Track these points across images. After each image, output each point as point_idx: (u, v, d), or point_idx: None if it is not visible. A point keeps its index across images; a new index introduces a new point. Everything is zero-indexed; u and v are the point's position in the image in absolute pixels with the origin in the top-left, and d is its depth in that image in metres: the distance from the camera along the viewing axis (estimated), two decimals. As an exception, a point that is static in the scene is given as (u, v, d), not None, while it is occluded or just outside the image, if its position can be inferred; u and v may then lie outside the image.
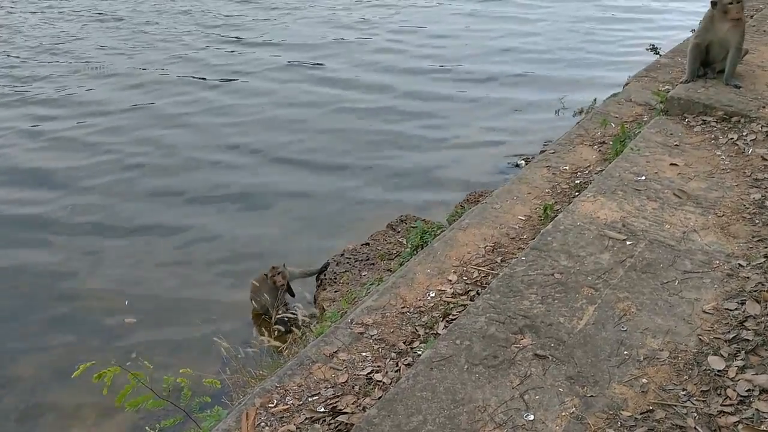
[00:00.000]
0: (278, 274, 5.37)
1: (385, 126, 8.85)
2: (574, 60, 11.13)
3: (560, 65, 10.92)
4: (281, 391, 2.94)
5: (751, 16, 7.24)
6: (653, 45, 7.55)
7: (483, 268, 3.64)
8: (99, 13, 13.86)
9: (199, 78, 10.49)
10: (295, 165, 7.92)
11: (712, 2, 4.83)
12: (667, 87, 5.54)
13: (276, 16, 13.80)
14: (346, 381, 2.97)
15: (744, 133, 4.42)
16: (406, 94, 9.84)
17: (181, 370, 2.85)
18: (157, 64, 11.09)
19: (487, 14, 13.94)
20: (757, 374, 2.60)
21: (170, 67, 10.95)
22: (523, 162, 7.33)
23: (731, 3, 4.71)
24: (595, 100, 7.48)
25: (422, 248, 4.34)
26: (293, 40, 12.26)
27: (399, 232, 6.23)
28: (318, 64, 11.06)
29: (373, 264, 5.73)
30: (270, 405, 2.88)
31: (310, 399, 2.89)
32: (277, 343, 4.28)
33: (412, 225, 5.87)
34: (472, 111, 9.27)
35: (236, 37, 12.43)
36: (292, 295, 5.67)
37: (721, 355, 2.71)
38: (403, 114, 9.18)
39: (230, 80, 10.45)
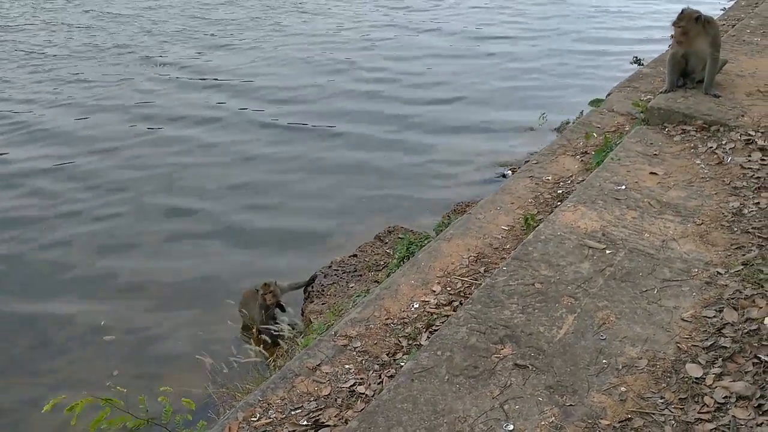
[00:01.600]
0: (269, 292, 5.36)
1: (374, 136, 8.89)
2: (564, 70, 11.22)
3: (549, 75, 11.01)
4: (264, 404, 2.95)
5: (733, 26, 7.35)
6: (636, 57, 7.63)
7: (466, 279, 3.66)
8: (44, 47, 12.87)
9: (171, 120, 9.64)
10: (282, 175, 7.94)
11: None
12: (648, 97, 5.61)
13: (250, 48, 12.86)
14: (329, 394, 2.98)
15: (723, 142, 4.48)
16: (394, 105, 9.90)
17: (161, 388, 2.86)
18: (108, 113, 9.95)
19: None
20: (734, 381, 2.63)
21: (129, 115, 9.84)
22: (509, 172, 7.39)
23: (674, 26, 4.90)
24: (582, 112, 7.54)
25: (408, 259, 4.37)
26: (269, 75, 11.36)
27: (387, 243, 6.24)
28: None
29: (360, 276, 5.74)
30: (253, 419, 2.88)
31: (293, 412, 2.90)
32: (264, 356, 4.28)
33: (400, 236, 5.89)
34: (461, 121, 9.33)
35: (209, 78, 11.32)
36: (283, 311, 5.67)
37: (699, 363, 2.74)
38: (392, 125, 9.23)
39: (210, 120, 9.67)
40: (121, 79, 11.16)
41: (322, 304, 5.27)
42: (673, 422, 2.50)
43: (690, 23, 4.85)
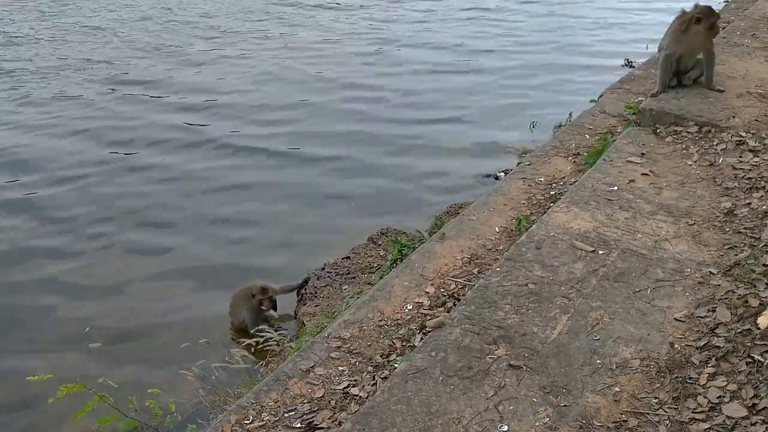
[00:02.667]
0: (267, 298, 5.35)
1: (368, 139, 8.88)
2: (554, 73, 11.23)
3: (539, 79, 11.02)
4: (257, 407, 2.93)
5: (723, 28, 7.40)
6: (628, 59, 7.68)
7: (460, 280, 3.65)
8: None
9: (146, 145, 8.71)
10: (272, 176, 7.91)
11: (696, 18, 4.95)
12: (640, 98, 5.63)
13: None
14: (322, 396, 2.96)
15: (714, 143, 4.50)
16: (388, 106, 9.89)
17: (149, 390, 2.83)
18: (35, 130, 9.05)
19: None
20: (727, 381, 2.63)
21: (98, 139, 8.88)
22: (502, 174, 7.38)
23: (717, 20, 4.98)
24: (570, 114, 7.57)
25: (401, 261, 4.35)
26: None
27: (380, 245, 6.22)
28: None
29: (353, 278, 5.72)
30: (246, 422, 2.86)
31: (286, 415, 2.88)
32: (255, 360, 4.25)
33: (393, 238, 5.87)
34: (453, 124, 9.32)
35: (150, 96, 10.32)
36: (275, 310, 5.66)
37: (693, 363, 2.75)
38: (385, 127, 9.21)
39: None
40: (90, 99, 10.13)
41: (316, 306, 5.24)
42: (668, 422, 2.50)
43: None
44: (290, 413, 2.88)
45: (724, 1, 9.41)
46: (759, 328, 2.81)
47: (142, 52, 12.41)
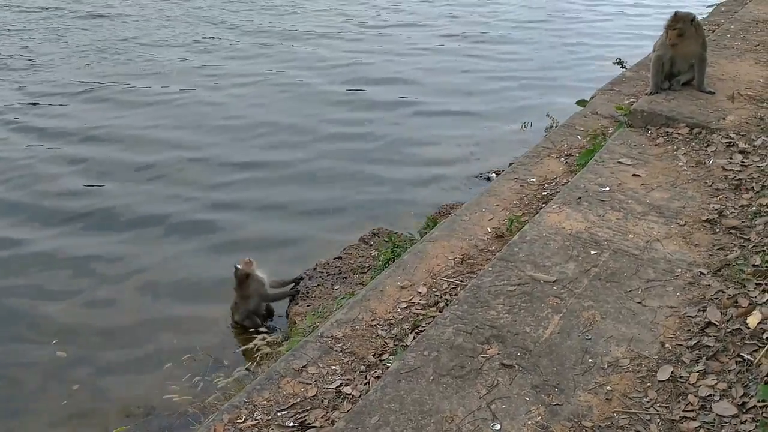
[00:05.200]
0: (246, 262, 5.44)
1: (360, 141, 8.88)
2: (547, 74, 11.27)
3: (533, 79, 11.06)
4: (250, 406, 2.92)
5: (713, 31, 7.46)
6: (619, 59, 7.73)
7: (452, 280, 3.66)
8: None
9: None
10: (265, 177, 7.90)
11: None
12: (631, 100, 5.66)
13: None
14: (315, 395, 2.96)
15: (705, 145, 4.54)
16: (379, 109, 9.89)
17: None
18: None
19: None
20: (717, 380, 2.66)
21: None
22: (493, 175, 7.42)
23: (669, 29, 5.01)
24: (548, 114, 7.61)
25: (393, 261, 4.36)
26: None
27: (371, 245, 6.24)
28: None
29: (345, 278, 5.73)
30: (238, 421, 2.85)
31: (278, 414, 2.88)
32: (247, 361, 4.25)
33: (385, 239, 5.89)
34: (446, 127, 9.34)
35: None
36: (271, 312, 5.67)
37: (683, 362, 2.77)
38: (377, 129, 9.22)
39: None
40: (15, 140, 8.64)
41: (308, 306, 5.25)
42: (659, 420, 2.52)
43: (686, 25, 4.96)
44: (283, 412, 2.88)
45: (712, 5, 9.48)
46: (749, 328, 2.84)
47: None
